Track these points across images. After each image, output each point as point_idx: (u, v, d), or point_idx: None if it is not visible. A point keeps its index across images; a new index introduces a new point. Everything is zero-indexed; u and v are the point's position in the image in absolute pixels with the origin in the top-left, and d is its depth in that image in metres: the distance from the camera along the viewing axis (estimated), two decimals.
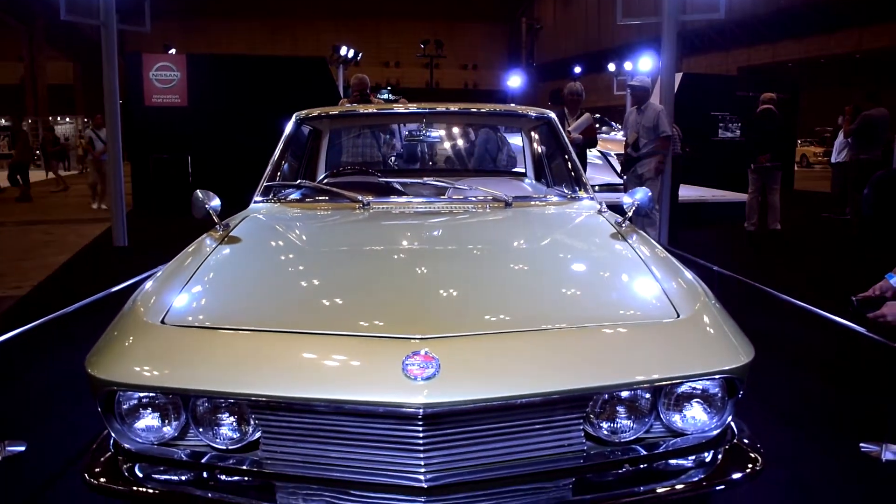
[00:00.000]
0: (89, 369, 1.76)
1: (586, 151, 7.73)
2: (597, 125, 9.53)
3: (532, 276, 2.26)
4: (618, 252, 2.43)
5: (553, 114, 3.78)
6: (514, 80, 25.44)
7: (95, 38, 8.65)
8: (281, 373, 1.68)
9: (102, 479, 1.75)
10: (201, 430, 1.76)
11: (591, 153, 8.96)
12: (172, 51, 20.49)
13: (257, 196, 3.19)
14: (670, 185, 8.12)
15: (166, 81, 12.19)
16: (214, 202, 2.79)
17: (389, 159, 5.06)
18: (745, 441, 1.91)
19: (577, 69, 35.15)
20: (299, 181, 3.49)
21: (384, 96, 14.58)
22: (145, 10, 9.64)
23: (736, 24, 29.19)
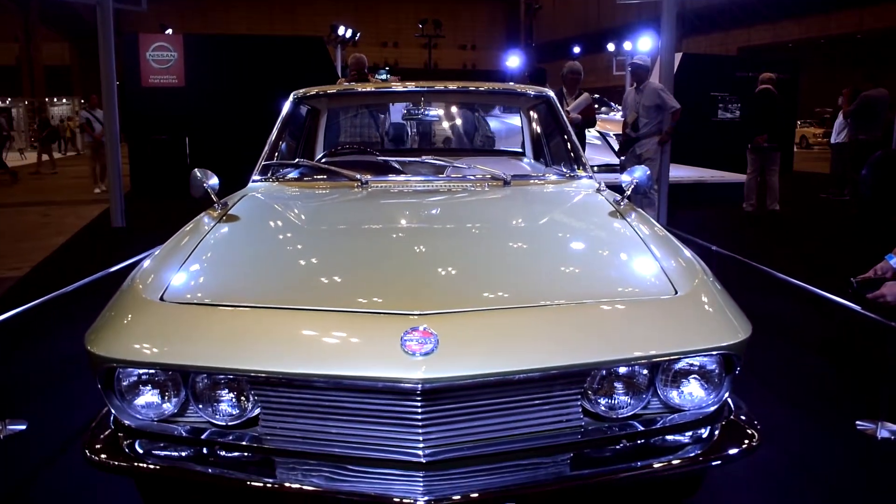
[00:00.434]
0: (89, 346, 1.76)
1: (584, 132, 7.70)
2: (595, 105, 9.48)
3: (530, 254, 2.26)
4: (616, 230, 2.43)
5: (552, 92, 3.76)
6: (513, 61, 25.27)
7: (91, 18, 8.58)
8: (280, 348, 1.69)
9: (103, 456, 1.76)
10: (201, 406, 1.77)
11: (589, 133, 8.93)
12: (169, 31, 20.33)
13: (255, 175, 3.19)
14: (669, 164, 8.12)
15: (163, 62, 12.11)
16: (212, 181, 2.79)
17: (387, 133, 5.04)
18: (742, 417, 1.92)
19: (577, 49, 34.93)
20: (297, 160, 3.48)
21: (382, 77, 14.45)
22: None
23: (736, 5, 28.99)
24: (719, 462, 1.80)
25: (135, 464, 1.75)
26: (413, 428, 1.65)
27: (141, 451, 1.77)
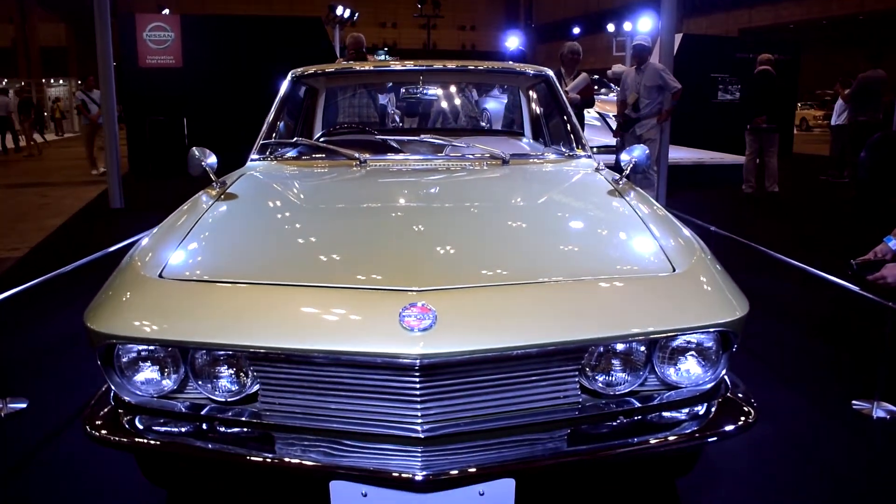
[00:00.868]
0: (88, 323, 1.76)
1: (583, 112, 7.67)
2: (595, 86, 9.44)
3: (529, 232, 2.26)
4: (615, 208, 2.43)
5: (551, 72, 3.74)
6: (512, 42, 25.11)
7: None
8: (279, 324, 1.69)
9: (104, 432, 1.77)
10: (200, 382, 1.78)
11: (588, 114, 8.89)
12: (166, 11, 20.18)
13: (254, 154, 3.18)
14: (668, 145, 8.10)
15: (160, 42, 12.04)
16: (211, 159, 2.78)
17: (390, 109, 5.03)
18: (739, 395, 1.92)
19: (576, 30, 34.78)
20: (296, 139, 3.47)
21: (381, 57, 14.40)
22: None
23: None
24: (715, 438, 1.81)
25: (135, 439, 1.75)
26: (411, 403, 1.65)
27: (141, 427, 1.78)
